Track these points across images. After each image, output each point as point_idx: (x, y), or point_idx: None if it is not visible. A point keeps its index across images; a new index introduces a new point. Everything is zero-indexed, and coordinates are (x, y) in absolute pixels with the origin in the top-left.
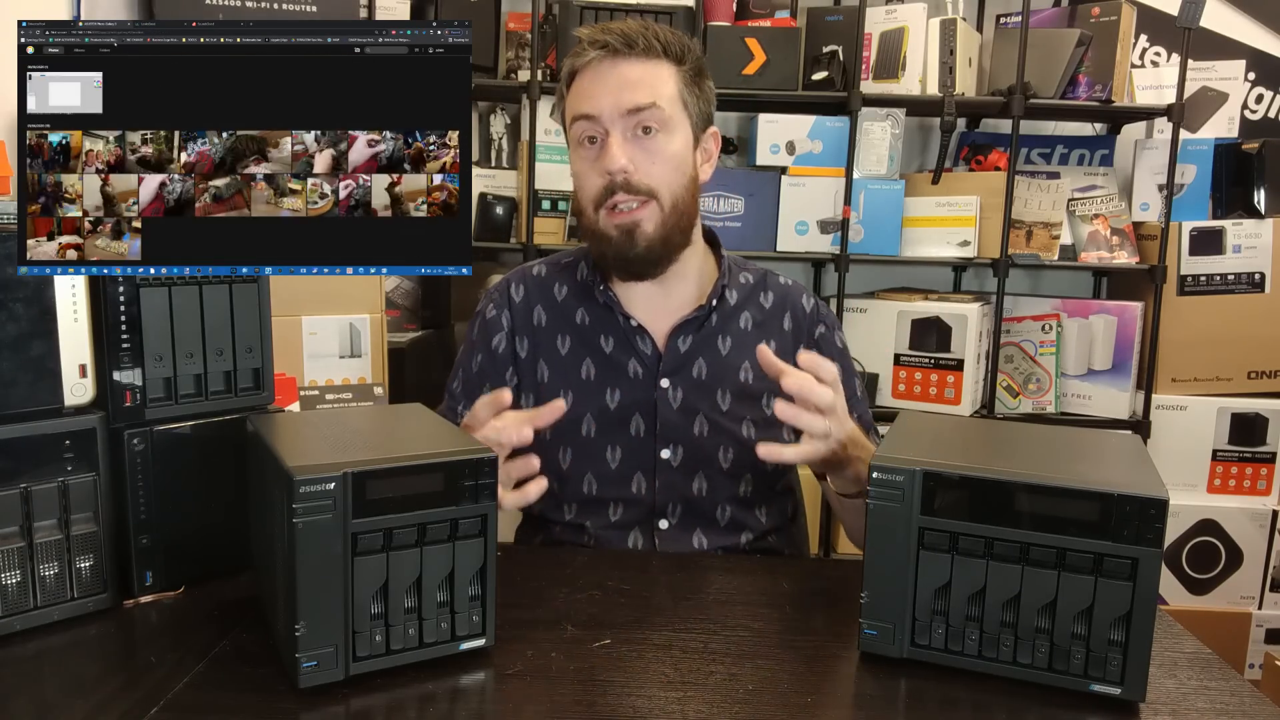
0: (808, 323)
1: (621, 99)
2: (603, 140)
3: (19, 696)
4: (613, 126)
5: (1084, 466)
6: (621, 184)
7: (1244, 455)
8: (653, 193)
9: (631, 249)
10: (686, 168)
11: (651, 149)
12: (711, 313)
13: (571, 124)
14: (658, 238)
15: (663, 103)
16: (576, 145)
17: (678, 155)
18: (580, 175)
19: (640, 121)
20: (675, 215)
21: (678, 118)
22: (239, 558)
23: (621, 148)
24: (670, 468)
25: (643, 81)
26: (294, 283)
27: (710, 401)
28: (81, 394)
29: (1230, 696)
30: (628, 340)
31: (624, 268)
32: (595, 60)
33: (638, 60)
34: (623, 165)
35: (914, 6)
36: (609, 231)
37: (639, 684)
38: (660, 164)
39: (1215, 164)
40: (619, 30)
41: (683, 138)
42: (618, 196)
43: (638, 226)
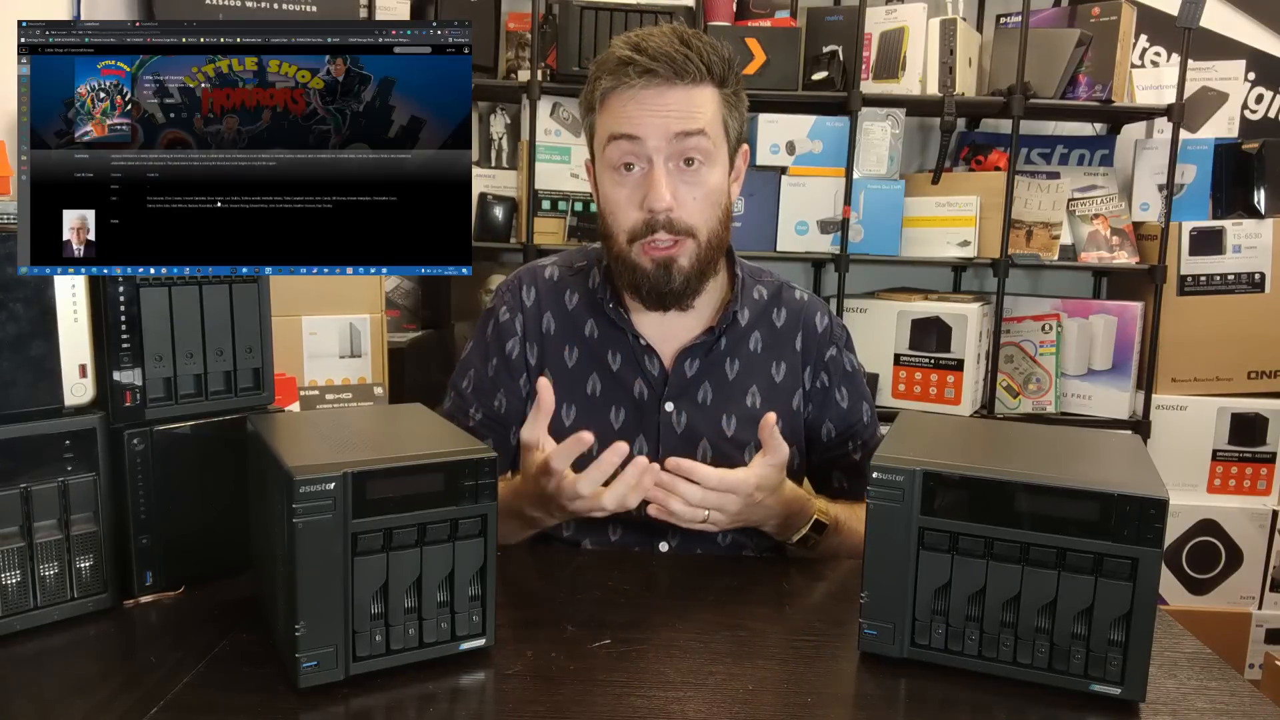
0: (818, 344)
1: (670, 125)
2: (644, 170)
3: (19, 696)
4: (657, 155)
5: (1084, 466)
6: (664, 223)
7: (1244, 455)
8: (692, 231)
9: (668, 284)
10: (723, 199)
11: (694, 183)
12: (721, 336)
13: (608, 142)
14: (694, 273)
15: (708, 129)
16: (612, 169)
17: (718, 189)
18: (614, 202)
19: (685, 151)
20: (710, 250)
21: (718, 143)
22: (239, 558)
23: (666, 183)
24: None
25: (690, 107)
26: (294, 283)
27: (715, 427)
28: (81, 394)
29: (1230, 696)
30: (635, 359)
31: (657, 300)
32: (640, 86)
33: (684, 87)
34: (668, 205)
35: (914, 6)
36: (644, 265)
37: (639, 684)
38: (702, 200)
39: (1215, 164)
40: (665, 55)
41: (721, 167)
42: (658, 235)
43: (674, 262)
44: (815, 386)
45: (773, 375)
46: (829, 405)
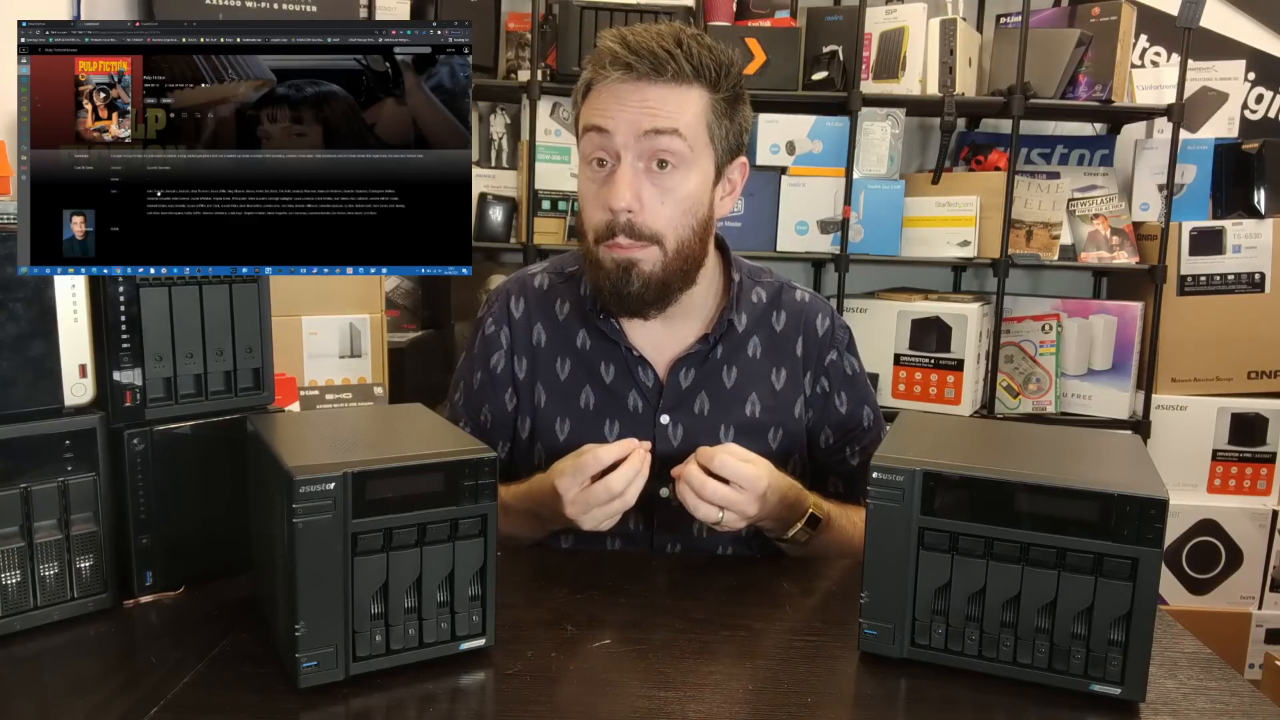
0: (819, 348)
1: (640, 120)
2: (612, 167)
3: (19, 696)
4: (625, 150)
5: (1084, 466)
6: (624, 226)
7: (1244, 455)
8: (657, 238)
9: (626, 286)
10: (699, 209)
11: (663, 187)
12: (716, 344)
13: (583, 134)
14: (655, 280)
15: (685, 130)
16: (585, 162)
17: (691, 196)
18: (584, 197)
19: (656, 152)
20: (679, 260)
21: (699, 149)
22: (239, 558)
23: (630, 183)
24: (669, 507)
25: (665, 106)
26: (294, 283)
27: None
28: (81, 394)
29: (1230, 696)
30: (629, 370)
31: (617, 304)
32: (618, 79)
33: (664, 85)
34: (628, 204)
35: (914, 6)
36: (606, 264)
37: (639, 684)
38: (670, 206)
39: (1215, 164)
40: (649, 50)
41: (700, 175)
42: (618, 239)
43: (635, 265)
44: (816, 392)
45: (773, 382)
46: (828, 411)
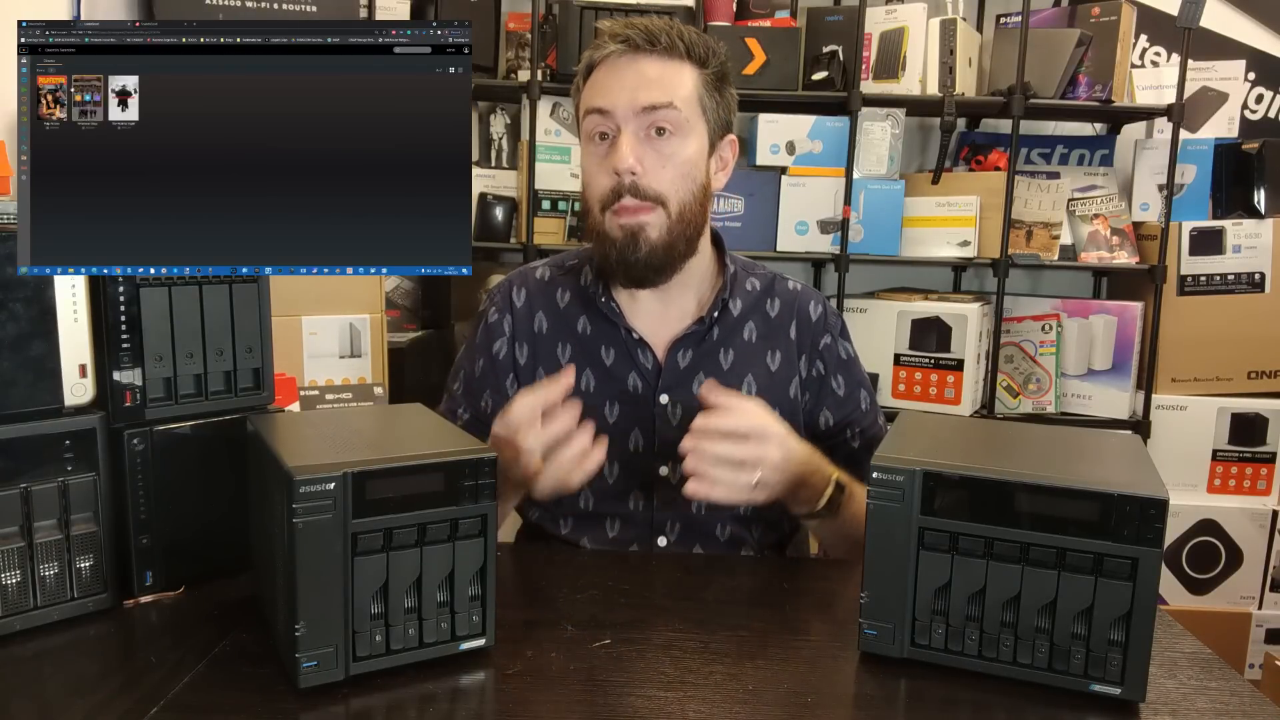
0: (813, 332)
1: (637, 96)
2: (614, 138)
3: (19, 696)
4: (625, 124)
5: (1084, 466)
6: (629, 187)
7: (1244, 455)
8: (660, 199)
9: (634, 253)
10: (698, 175)
11: (663, 152)
12: (713, 326)
13: (584, 118)
14: (661, 245)
15: (679, 103)
16: (587, 140)
17: (690, 161)
18: (588, 172)
19: (654, 122)
20: (682, 224)
21: (694, 121)
22: (239, 558)
23: (632, 147)
24: (669, 485)
25: (661, 80)
26: (294, 283)
27: None
28: (81, 394)
29: (1230, 696)
30: (628, 353)
31: (626, 273)
32: (615, 54)
33: (658, 58)
34: (631, 165)
35: (914, 6)
36: (613, 233)
37: (639, 684)
38: (671, 169)
39: (1215, 164)
40: (642, 26)
41: (697, 143)
42: (624, 200)
43: (642, 230)
44: (811, 375)
45: (768, 364)
46: (826, 393)
